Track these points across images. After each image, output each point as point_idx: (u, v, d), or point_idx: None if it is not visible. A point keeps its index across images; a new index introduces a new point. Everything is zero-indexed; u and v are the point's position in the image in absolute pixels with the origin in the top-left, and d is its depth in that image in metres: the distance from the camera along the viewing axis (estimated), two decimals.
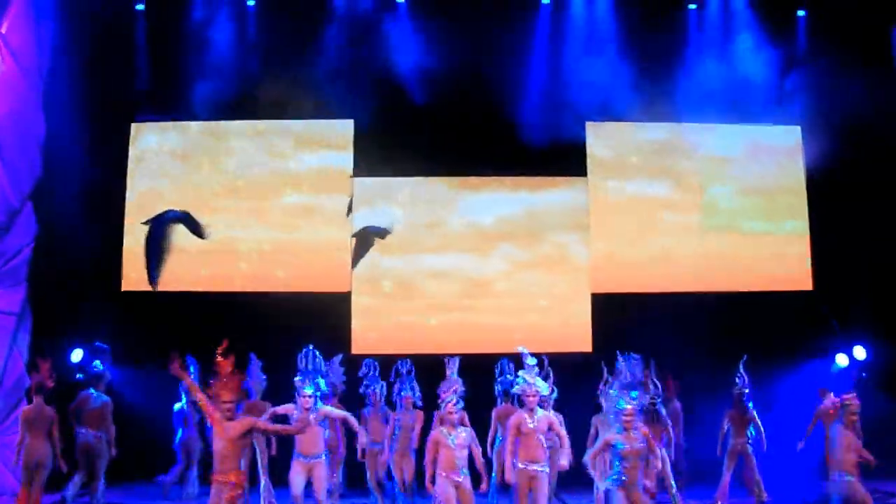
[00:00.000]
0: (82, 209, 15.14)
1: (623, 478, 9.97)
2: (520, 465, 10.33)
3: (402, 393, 12.76)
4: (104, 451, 13.06)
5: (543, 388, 10.81)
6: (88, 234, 15.24)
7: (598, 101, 15.87)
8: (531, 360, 10.85)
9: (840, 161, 15.72)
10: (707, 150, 16.96)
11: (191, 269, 16.47)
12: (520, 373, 10.77)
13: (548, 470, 10.54)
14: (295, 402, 11.25)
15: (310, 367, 11.89)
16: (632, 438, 10.02)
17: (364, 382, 13.16)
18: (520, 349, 11.00)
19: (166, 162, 16.76)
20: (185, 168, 16.77)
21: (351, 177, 16.78)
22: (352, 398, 13.31)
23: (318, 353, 12.13)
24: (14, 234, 15.08)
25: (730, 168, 16.90)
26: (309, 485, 10.94)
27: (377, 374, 13.22)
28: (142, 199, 16.56)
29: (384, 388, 13.14)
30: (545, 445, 10.49)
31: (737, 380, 13.15)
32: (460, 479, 10.22)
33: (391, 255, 16.76)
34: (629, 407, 10.10)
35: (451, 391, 11.10)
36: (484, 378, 13.39)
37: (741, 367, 12.96)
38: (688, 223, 16.81)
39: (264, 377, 13.58)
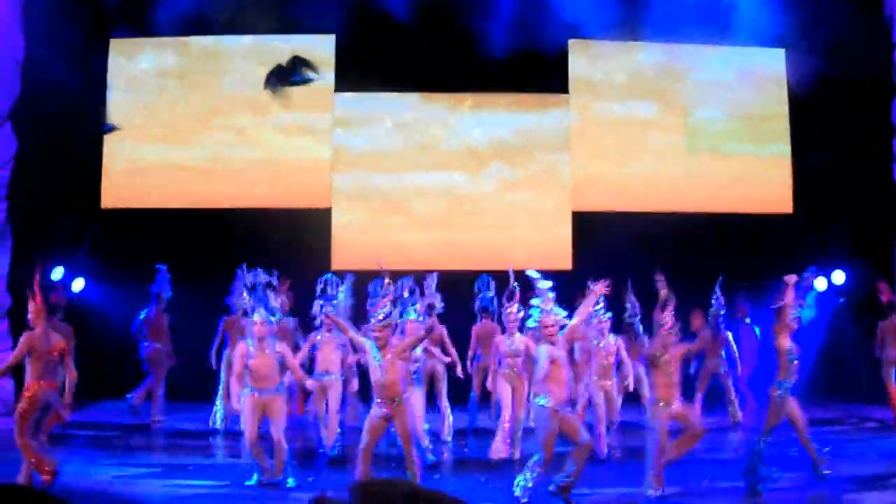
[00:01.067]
0: (61, 127, 15.07)
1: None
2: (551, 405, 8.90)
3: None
4: None
5: (562, 314, 9.24)
6: (67, 153, 15.20)
7: (582, 17, 15.75)
8: (544, 283, 9.31)
9: (823, 85, 15.67)
10: (692, 72, 16.93)
11: (171, 186, 16.43)
12: (534, 301, 9.30)
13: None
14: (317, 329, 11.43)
15: (329, 291, 11.76)
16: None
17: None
18: (530, 273, 9.48)
19: (145, 79, 16.66)
20: (163, 85, 16.69)
21: (333, 92, 16.74)
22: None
23: (336, 278, 11.92)
24: None
25: (714, 91, 16.87)
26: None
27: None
28: (120, 117, 16.47)
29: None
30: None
31: (712, 300, 13.21)
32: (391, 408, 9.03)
33: (372, 172, 16.77)
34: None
35: (380, 307, 9.35)
36: (465, 295, 13.46)
37: (717, 287, 13.02)
38: (671, 144, 16.84)
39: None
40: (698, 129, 16.86)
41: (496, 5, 15.69)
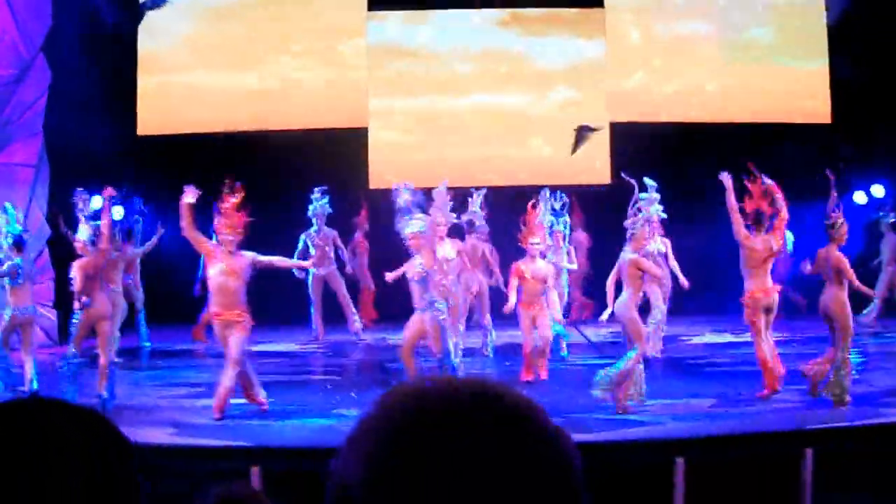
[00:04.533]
0: (95, 56, 15.05)
1: None
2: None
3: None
4: None
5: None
6: (102, 81, 15.20)
7: None
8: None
9: None
10: None
11: (206, 111, 16.45)
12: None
13: None
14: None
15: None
16: None
17: None
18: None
19: (176, 5, 16.61)
20: (197, 11, 16.63)
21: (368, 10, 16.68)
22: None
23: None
24: (27, 85, 15.01)
25: (751, 2, 16.62)
26: None
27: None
28: (154, 42, 16.47)
29: None
30: None
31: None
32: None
33: (408, 92, 16.72)
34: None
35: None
36: (505, 210, 13.31)
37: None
38: (709, 55, 16.62)
39: None
40: (735, 40, 16.62)
41: None
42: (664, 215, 11.01)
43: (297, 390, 10.69)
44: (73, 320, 9.69)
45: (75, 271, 9.55)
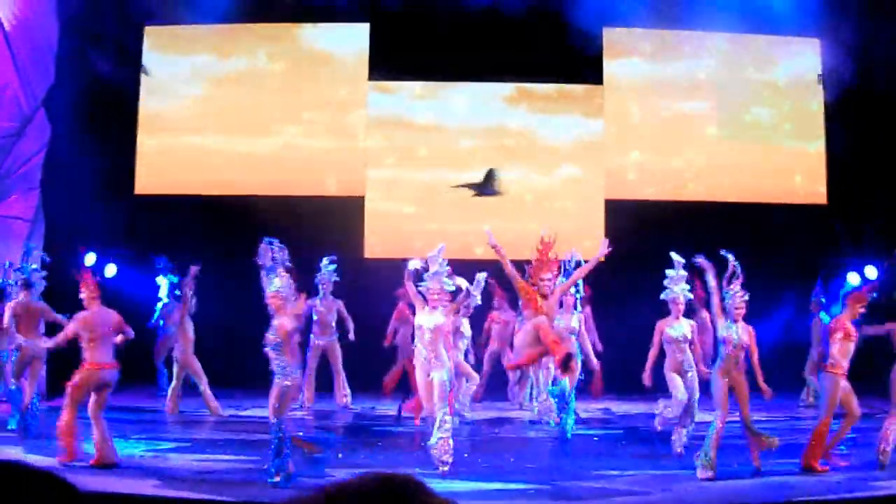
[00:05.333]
0: (95, 114, 15.14)
1: None
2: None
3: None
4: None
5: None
6: (101, 139, 15.25)
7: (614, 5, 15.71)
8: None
9: (859, 76, 15.53)
10: (724, 58, 16.81)
11: (206, 173, 16.51)
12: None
13: None
14: None
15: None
16: None
17: None
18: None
19: (178, 64, 16.75)
20: (197, 71, 16.77)
21: (368, 80, 16.78)
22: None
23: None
24: (27, 139, 15.08)
25: (749, 80, 16.76)
26: None
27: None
28: (154, 101, 16.60)
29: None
30: None
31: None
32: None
33: (405, 164, 16.79)
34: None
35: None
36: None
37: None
38: (704, 133, 16.74)
39: None
40: (732, 119, 16.75)
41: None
42: (690, 295, 10.86)
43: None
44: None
45: None
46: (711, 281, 9.66)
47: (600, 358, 12.87)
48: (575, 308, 11.65)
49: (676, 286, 10.54)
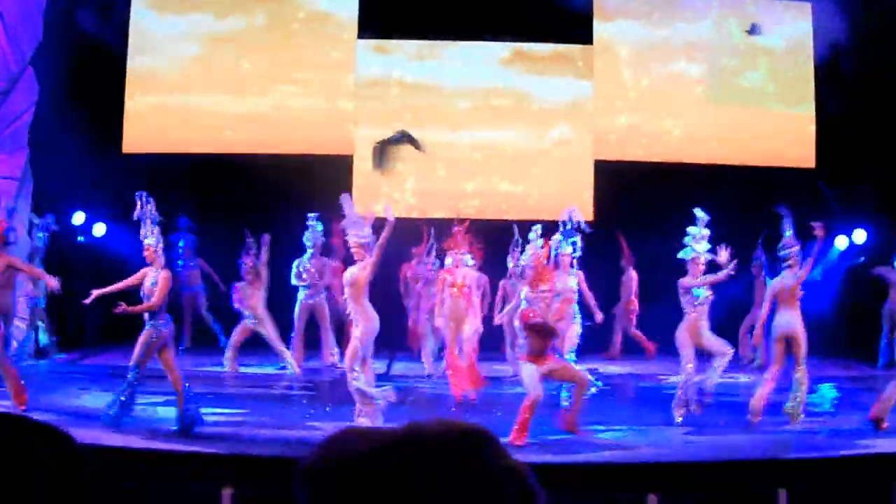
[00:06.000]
0: (83, 72, 15.07)
1: None
2: None
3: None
4: None
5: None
6: (89, 98, 15.19)
7: None
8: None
9: (850, 40, 15.51)
10: (712, 23, 16.77)
11: (194, 132, 16.45)
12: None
13: None
14: None
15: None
16: None
17: None
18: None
19: (165, 22, 16.64)
20: (184, 30, 16.65)
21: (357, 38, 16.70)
22: None
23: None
24: (15, 98, 14.96)
25: (739, 44, 16.73)
26: None
27: None
28: (144, 61, 16.51)
29: None
30: None
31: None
32: None
33: (394, 121, 16.71)
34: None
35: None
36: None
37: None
38: (694, 96, 16.73)
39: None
40: (721, 81, 16.73)
41: None
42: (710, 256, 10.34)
43: (271, 404, 10.67)
44: None
45: None
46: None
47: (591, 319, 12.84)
48: (572, 267, 11.37)
49: (699, 245, 10.21)
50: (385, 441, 1.53)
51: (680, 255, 10.29)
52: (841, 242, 15.67)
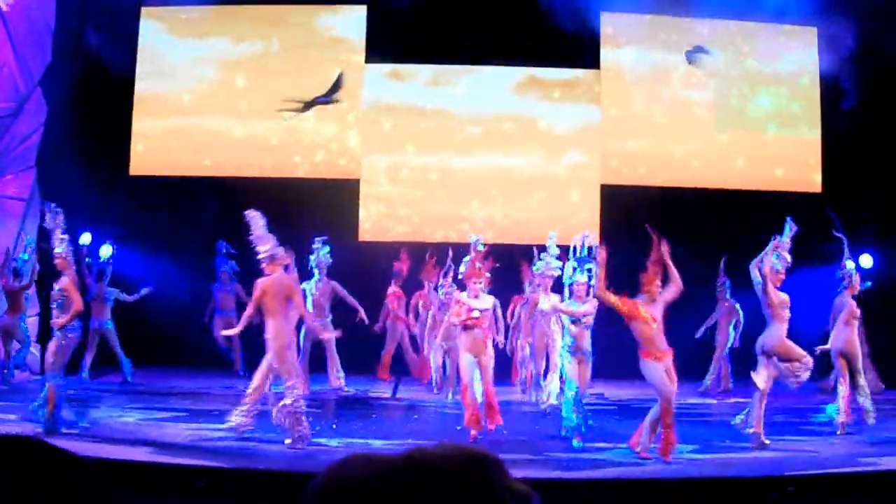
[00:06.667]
0: (92, 94, 15.14)
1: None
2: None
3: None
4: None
5: None
6: (97, 119, 15.26)
7: None
8: None
9: (855, 65, 15.55)
10: (721, 46, 16.81)
11: (201, 154, 16.50)
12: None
13: None
14: None
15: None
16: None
17: None
18: None
19: (175, 45, 16.71)
20: (194, 53, 16.73)
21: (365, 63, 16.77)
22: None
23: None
24: (23, 118, 15.08)
25: (745, 67, 16.78)
26: None
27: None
28: (151, 82, 16.57)
29: None
30: None
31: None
32: None
33: (401, 146, 16.80)
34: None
35: None
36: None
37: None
38: (700, 121, 16.77)
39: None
40: (728, 106, 16.77)
41: None
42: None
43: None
44: None
45: None
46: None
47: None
48: (587, 295, 11.23)
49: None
50: (391, 465, 1.54)
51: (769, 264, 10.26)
52: (866, 261, 15.62)
